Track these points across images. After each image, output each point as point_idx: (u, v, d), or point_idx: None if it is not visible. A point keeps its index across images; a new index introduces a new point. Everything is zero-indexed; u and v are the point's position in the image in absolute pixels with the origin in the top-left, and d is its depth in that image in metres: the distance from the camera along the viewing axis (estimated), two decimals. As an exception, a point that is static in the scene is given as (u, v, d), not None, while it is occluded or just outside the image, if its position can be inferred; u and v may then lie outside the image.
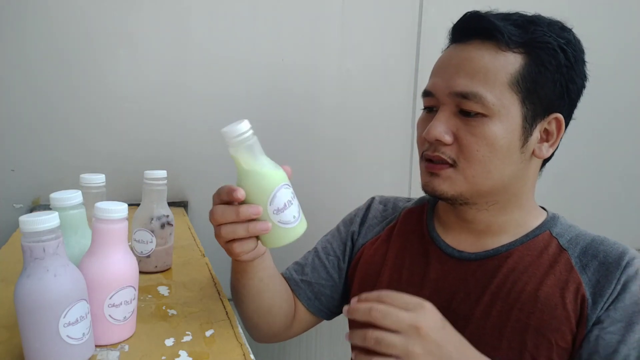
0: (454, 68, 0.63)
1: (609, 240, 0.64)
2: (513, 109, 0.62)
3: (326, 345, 1.26)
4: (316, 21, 1.12)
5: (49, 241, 0.40)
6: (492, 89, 0.61)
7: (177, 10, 1.00)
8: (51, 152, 0.95)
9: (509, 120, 0.62)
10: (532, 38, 0.62)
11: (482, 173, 0.63)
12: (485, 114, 0.61)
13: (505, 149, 0.62)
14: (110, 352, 0.47)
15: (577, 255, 0.63)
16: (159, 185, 0.67)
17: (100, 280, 0.46)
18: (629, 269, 0.60)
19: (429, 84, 0.67)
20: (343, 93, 1.18)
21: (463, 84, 0.62)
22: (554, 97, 0.64)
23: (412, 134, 1.26)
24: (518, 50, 0.62)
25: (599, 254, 0.62)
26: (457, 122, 0.63)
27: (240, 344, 0.49)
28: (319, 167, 1.19)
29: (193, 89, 1.04)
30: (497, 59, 0.62)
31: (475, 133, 0.62)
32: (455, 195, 0.65)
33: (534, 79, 0.62)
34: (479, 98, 0.61)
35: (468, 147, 0.62)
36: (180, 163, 1.05)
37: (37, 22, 0.91)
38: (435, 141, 0.63)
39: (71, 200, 0.51)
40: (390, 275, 0.73)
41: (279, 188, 0.52)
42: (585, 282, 0.61)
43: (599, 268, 0.61)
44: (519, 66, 0.62)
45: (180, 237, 0.83)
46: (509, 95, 0.62)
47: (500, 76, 0.61)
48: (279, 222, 0.52)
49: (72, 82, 0.95)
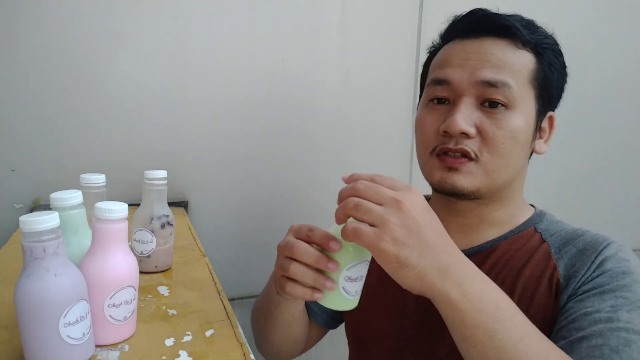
0: (477, 60, 0.63)
1: (591, 232, 0.64)
2: (530, 103, 0.64)
3: (326, 345, 1.26)
4: (316, 21, 1.12)
5: (49, 241, 0.40)
6: (517, 82, 0.62)
7: (177, 11, 1.00)
8: (51, 152, 0.95)
9: (528, 115, 0.63)
10: (539, 39, 0.65)
11: (503, 167, 0.63)
12: (508, 106, 0.62)
13: (523, 143, 0.64)
14: (110, 352, 0.47)
15: (558, 245, 0.64)
16: (159, 185, 0.67)
17: (100, 280, 0.46)
18: (606, 250, 0.59)
19: (444, 73, 0.65)
20: (343, 93, 1.18)
21: (491, 73, 0.62)
22: (554, 96, 0.67)
23: (412, 135, 1.26)
24: (529, 49, 0.64)
25: (579, 243, 0.62)
26: (479, 115, 0.62)
27: (240, 344, 0.49)
28: (319, 168, 1.19)
29: (193, 89, 1.04)
30: (517, 55, 0.63)
31: (501, 126, 0.62)
32: (474, 191, 0.63)
33: (545, 76, 0.65)
34: (507, 87, 0.61)
35: (494, 140, 0.61)
36: (180, 163, 1.05)
37: (37, 22, 0.91)
38: (460, 134, 0.62)
39: (71, 200, 0.51)
40: (380, 276, 0.72)
41: (363, 261, 0.51)
42: (560, 266, 0.61)
43: (576, 254, 0.61)
44: (534, 64, 0.64)
45: (180, 237, 0.83)
46: (529, 89, 0.63)
47: (523, 71, 0.63)
48: (342, 288, 0.50)
49: (72, 83, 0.95)
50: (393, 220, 0.45)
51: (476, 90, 0.62)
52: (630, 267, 0.57)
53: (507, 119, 0.62)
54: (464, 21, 0.68)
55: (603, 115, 1.52)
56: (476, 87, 0.62)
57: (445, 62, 0.66)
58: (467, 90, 0.63)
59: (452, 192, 0.64)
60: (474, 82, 0.62)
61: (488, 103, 0.62)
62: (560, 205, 1.49)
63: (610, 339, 0.50)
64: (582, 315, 0.54)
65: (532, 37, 0.64)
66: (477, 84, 0.62)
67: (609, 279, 0.56)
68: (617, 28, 1.47)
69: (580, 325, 0.53)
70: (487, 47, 0.63)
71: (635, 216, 1.68)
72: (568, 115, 1.43)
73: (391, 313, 0.70)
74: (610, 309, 0.53)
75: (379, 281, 0.72)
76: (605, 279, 0.56)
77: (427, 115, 0.67)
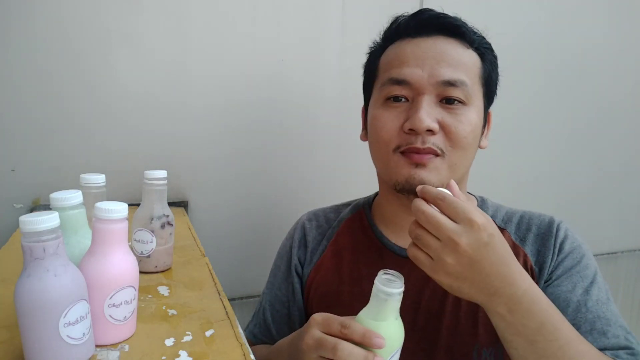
0: (434, 59, 0.64)
1: (534, 213, 0.72)
2: (480, 100, 0.67)
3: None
4: (316, 21, 1.12)
5: (49, 241, 0.40)
6: (471, 80, 0.65)
7: (177, 11, 1.00)
8: (51, 152, 0.95)
9: (479, 111, 0.67)
10: (480, 39, 0.68)
11: (462, 160, 0.66)
12: (465, 102, 0.64)
13: (477, 137, 0.67)
14: (110, 352, 0.47)
15: (514, 231, 0.70)
16: (159, 185, 0.67)
17: (100, 280, 0.46)
18: (560, 232, 0.68)
19: (402, 73, 0.65)
20: (343, 93, 1.18)
21: (449, 72, 0.64)
22: (493, 93, 0.72)
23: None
24: (474, 49, 0.67)
25: (532, 226, 0.70)
26: (440, 110, 0.64)
27: (240, 344, 0.49)
28: (318, 168, 1.19)
29: (193, 89, 1.04)
30: (467, 54, 0.66)
31: (461, 120, 0.64)
32: (438, 186, 0.64)
33: (489, 75, 0.69)
34: (464, 85, 0.64)
35: (457, 134, 0.64)
36: (180, 163, 1.05)
37: (37, 22, 0.91)
38: (426, 131, 0.63)
39: (71, 200, 0.51)
40: (350, 290, 0.72)
41: (399, 349, 0.50)
42: (529, 253, 0.67)
43: (535, 239, 0.68)
44: (480, 63, 0.67)
45: (180, 237, 0.83)
46: (478, 87, 0.67)
47: (474, 69, 0.66)
48: None
49: (72, 82, 0.95)
50: (448, 260, 0.49)
51: (436, 89, 0.64)
52: (576, 243, 0.68)
53: (465, 114, 0.64)
54: (415, 20, 0.68)
55: (603, 115, 1.52)
56: (436, 86, 0.64)
57: (401, 61, 0.66)
58: (427, 89, 0.64)
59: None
60: (434, 82, 0.64)
61: (445, 100, 0.64)
62: (561, 205, 1.49)
63: (595, 322, 0.61)
64: (566, 302, 0.63)
65: (475, 38, 0.67)
66: (437, 84, 0.64)
67: (571, 261, 0.66)
68: (617, 28, 1.47)
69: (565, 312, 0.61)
70: (442, 46, 0.65)
71: (635, 216, 1.68)
72: (568, 115, 1.43)
73: None
74: (583, 291, 0.63)
75: (354, 298, 0.71)
76: (568, 262, 0.66)
77: (385, 113, 0.67)
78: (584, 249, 0.67)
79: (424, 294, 0.67)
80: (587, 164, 1.54)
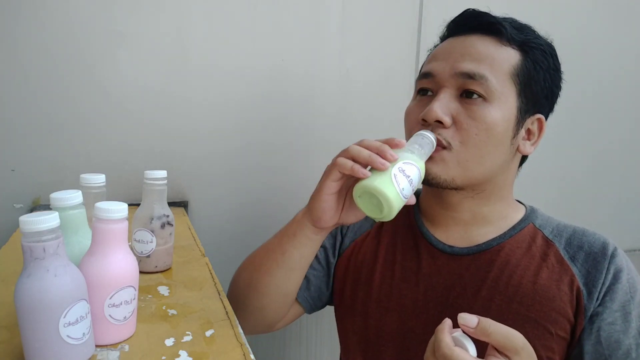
0: (459, 53, 0.65)
1: (588, 231, 0.68)
2: (511, 98, 0.65)
3: (327, 344, 1.26)
4: (316, 21, 1.12)
5: (49, 241, 0.40)
6: (496, 75, 0.64)
7: (177, 11, 1.00)
8: (51, 152, 0.95)
9: (507, 109, 0.65)
10: (527, 38, 0.66)
11: (476, 158, 0.64)
12: (486, 98, 0.63)
13: (500, 137, 0.65)
14: (110, 352, 0.47)
15: (564, 247, 0.67)
16: (159, 185, 0.67)
17: (100, 280, 0.46)
18: (616, 259, 0.64)
19: (429, 67, 0.68)
20: (343, 93, 1.18)
21: (470, 66, 0.64)
22: (541, 96, 0.68)
23: (412, 134, 1.26)
24: (516, 47, 0.66)
25: (584, 244, 0.66)
26: (457, 105, 0.64)
27: (241, 343, 0.49)
28: (319, 168, 1.19)
29: (193, 89, 1.04)
30: (500, 50, 0.65)
31: (475, 117, 0.63)
32: (447, 180, 0.65)
33: (529, 74, 0.66)
34: (484, 80, 0.63)
35: (467, 130, 0.63)
36: (180, 163, 1.05)
37: (37, 22, 0.91)
38: (435, 122, 0.64)
39: (71, 200, 0.51)
40: (382, 273, 0.73)
41: (418, 167, 0.56)
42: (577, 273, 0.64)
43: (586, 259, 0.65)
44: (518, 60, 0.65)
45: (180, 237, 0.83)
46: (509, 84, 0.65)
47: (504, 66, 0.64)
48: (393, 175, 0.54)
49: (72, 82, 0.95)
50: None
51: (456, 82, 0.64)
52: (631, 274, 0.64)
53: (483, 110, 0.63)
54: (456, 21, 0.71)
55: (603, 116, 1.52)
56: (456, 78, 0.64)
57: (433, 57, 0.70)
58: (447, 81, 0.65)
59: (427, 179, 0.65)
60: (453, 74, 0.64)
61: (465, 94, 0.64)
62: (561, 205, 1.49)
63: None
64: (617, 343, 0.61)
65: (519, 36, 0.66)
66: (456, 76, 0.64)
67: (623, 294, 0.62)
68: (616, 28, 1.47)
69: (615, 354, 0.61)
70: (471, 42, 0.66)
71: (635, 216, 1.68)
72: (568, 116, 1.43)
73: (399, 313, 0.71)
74: (636, 332, 0.61)
75: (384, 281, 0.72)
76: (621, 295, 0.62)
77: (413, 106, 0.70)
78: (638, 282, 0.64)
79: (452, 292, 0.67)
80: (586, 160, 1.54)
